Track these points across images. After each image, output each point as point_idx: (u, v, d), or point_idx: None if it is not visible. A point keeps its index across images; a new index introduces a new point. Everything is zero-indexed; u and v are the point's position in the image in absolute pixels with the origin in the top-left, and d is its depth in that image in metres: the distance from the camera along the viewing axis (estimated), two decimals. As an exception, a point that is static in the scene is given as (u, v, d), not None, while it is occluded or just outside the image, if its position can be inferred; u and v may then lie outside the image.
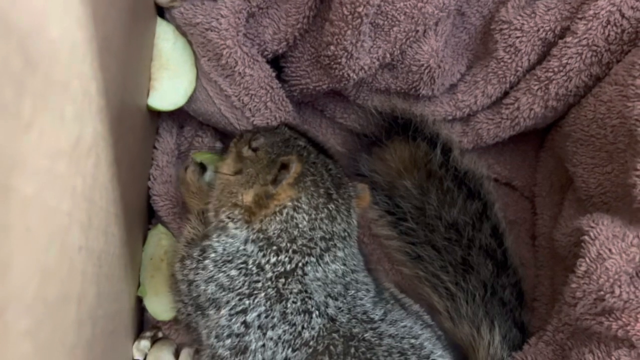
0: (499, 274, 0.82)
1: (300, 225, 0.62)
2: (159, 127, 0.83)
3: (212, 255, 0.62)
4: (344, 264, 0.65)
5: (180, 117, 0.84)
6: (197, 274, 0.62)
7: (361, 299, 0.65)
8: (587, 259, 0.63)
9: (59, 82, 0.38)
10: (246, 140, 0.70)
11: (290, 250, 0.61)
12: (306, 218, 0.62)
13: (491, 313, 0.80)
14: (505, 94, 0.81)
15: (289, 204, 0.62)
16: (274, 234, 0.61)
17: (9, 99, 0.30)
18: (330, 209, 0.64)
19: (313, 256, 0.62)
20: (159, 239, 0.79)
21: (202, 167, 0.77)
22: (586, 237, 0.65)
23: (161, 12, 0.77)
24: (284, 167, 0.62)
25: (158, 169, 0.79)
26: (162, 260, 0.77)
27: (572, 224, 0.76)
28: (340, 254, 0.64)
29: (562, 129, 0.81)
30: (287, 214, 0.62)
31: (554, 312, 0.75)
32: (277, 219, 0.62)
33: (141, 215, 0.77)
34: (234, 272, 0.61)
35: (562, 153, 0.82)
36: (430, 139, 0.82)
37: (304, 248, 0.62)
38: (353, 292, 0.65)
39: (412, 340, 0.65)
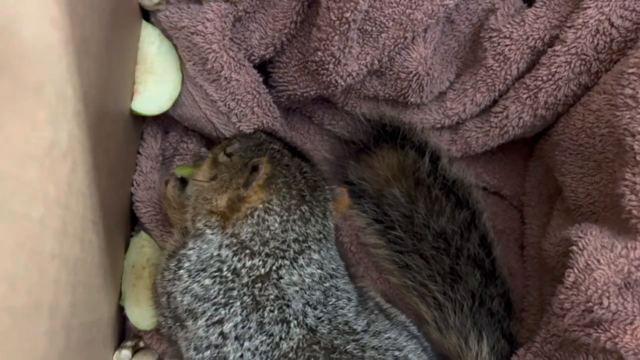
0: (487, 284, 0.81)
1: (272, 228, 0.61)
2: (144, 132, 0.81)
3: (186, 264, 0.61)
4: (321, 268, 0.64)
5: (165, 122, 0.83)
6: (174, 285, 0.61)
7: (342, 308, 0.64)
8: (576, 270, 0.63)
9: (30, 85, 0.37)
10: (222, 146, 0.70)
11: (264, 254, 0.60)
12: (278, 220, 0.61)
13: (479, 323, 0.79)
14: (494, 102, 0.81)
15: (260, 206, 0.61)
16: (246, 237, 0.61)
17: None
18: (304, 210, 0.63)
19: (287, 259, 0.61)
20: (141, 246, 0.77)
21: (183, 181, 0.76)
22: (574, 248, 0.64)
23: (146, 15, 0.76)
24: (255, 169, 0.61)
25: (142, 175, 0.78)
26: (144, 268, 0.76)
27: (560, 234, 0.75)
28: (315, 256, 0.63)
29: (551, 138, 0.80)
30: (259, 216, 0.61)
31: (542, 323, 0.74)
32: (249, 221, 0.61)
33: (123, 222, 0.76)
34: (207, 281, 0.60)
35: (551, 162, 0.81)
36: (419, 147, 0.82)
37: (277, 251, 0.61)
38: (334, 300, 0.64)
39: (397, 353, 0.63)
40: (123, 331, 0.77)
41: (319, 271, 0.63)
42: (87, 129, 0.52)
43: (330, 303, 0.63)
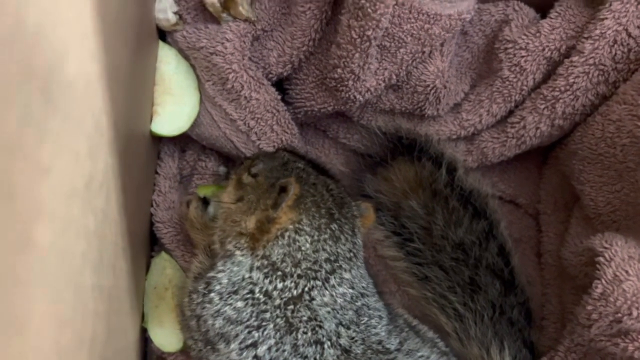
0: (507, 293, 0.81)
1: (303, 248, 0.61)
2: (161, 151, 0.81)
3: (217, 287, 0.61)
4: (352, 287, 0.63)
5: (181, 140, 0.82)
6: (204, 308, 0.60)
7: (375, 327, 0.64)
8: (603, 281, 0.63)
9: (75, 119, 0.37)
10: (245, 167, 0.69)
11: (295, 275, 0.60)
12: (309, 240, 0.61)
13: (500, 333, 0.79)
14: (510, 112, 0.81)
15: (291, 226, 0.61)
16: (277, 258, 0.60)
17: (31, 144, 0.29)
18: (333, 229, 0.63)
19: (319, 279, 0.61)
20: (163, 267, 0.77)
21: (205, 201, 0.76)
22: (601, 259, 0.64)
23: (163, 35, 0.75)
24: (283, 190, 0.61)
25: (161, 195, 0.78)
26: (166, 290, 0.75)
27: (581, 243, 0.75)
28: (346, 275, 0.63)
29: (568, 147, 0.80)
30: (289, 237, 0.61)
31: (565, 333, 0.74)
32: (280, 242, 0.61)
33: (144, 243, 0.75)
34: (240, 304, 0.59)
35: (568, 171, 0.82)
36: (435, 158, 0.81)
37: (309, 272, 0.60)
38: (366, 319, 0.63)
39: None
40: (145, 353, 0.77)
41: (351, 290, 0.63)
42: (118, 156, 0.52)
43: (362, 322, 0.62)
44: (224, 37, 0.69)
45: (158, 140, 0.80)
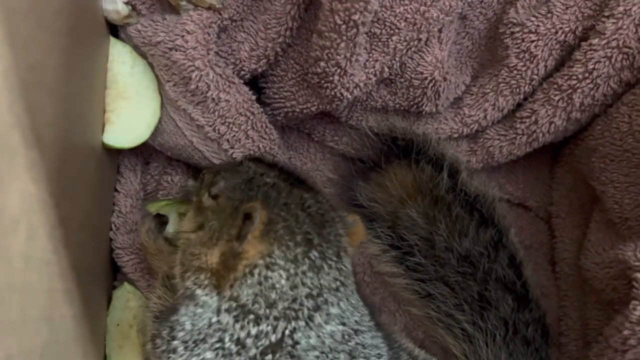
0: (520, 309, 0.75)
1: (277, 286, 0.52)
2: (120, 165, 0.72)
3: (181, 334, 0.52)
4: (343, 323, 0.55)
5: (145, 151, 0.73)
6: (169, 358, 0.52)
7: None
8: (643, 302, 0.55)
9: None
10: (206, 185, 0.60)
11: (272, 317, 0.51)
12: (284, 275, 0.52)
13: (515, 354, 0.74)
14: (519, 106, 0.74)
15: (260, 261, 0.52)
16: (248, 300, 0.51)
17: None
18: (313, 257, 0.54)
19: (301, 319, 0.52)
20: (126, 300, 0.67)
21: (162, 219, 0.67)
22: (638, 275, 0.56)
23: (115, 30, 0.66)
24: (248, 217, 0.52)
25: (121, 216, 0.68)
26: (131, 327, 0.66)
27: (607, 253, 0.69)
28: (334, 310, 0.54)
29: (585, 143, 0.73)
30: (260, 274, 0.52)
31: (592, 355, 0.67)
32: (249, 281, 0.52)
33: (103, 274, 0.66)
34: (209, 355, 0.50)
35: (585, 169, 0.75)
36: (435, 160, 0.76)
37: (288, 311, 0.51)
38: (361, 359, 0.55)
39: None
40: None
41: (341, 327, 0.54)
42: (47, 180, 0.41)
43: None
44: (184, 29, 0.60)
45: (116, 153, 0.70)
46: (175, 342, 0.51)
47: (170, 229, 0.65)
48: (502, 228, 0.76)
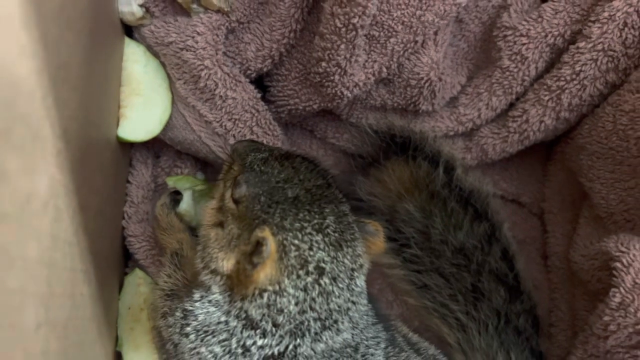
0: (512, 300, 0.77)
1: (285, 310, 0.52)
2: (132, 158, 0.75)
3: (194, 323, 0.54)
4: (353, 329, 0.56)
5: (155, 145, 0.76)
6: (181, 340, 0.54)
7: (373, 354, 0.57)
8: (622, 289, 0.58)
9: (-3, 130, 0.30)
10: (231, 182, 0.58)
11: (277, 335, 0.52)
12: (293, 302, 0.52)
13: (506, 343, 0.75)
14: (511, 105, 0.76)
15: (270, 287, 0.51)
16: (256, 316, 0.52)
17: None
18: (324, 284, 0.52)
19: (307, 337, 0.53)
20: (137, 285, 0.70)
21: (178, 195, 0.69)
22: (618, 264, 0.59)
23: (129, 31, 0.69)
24: (260, 244, 0.51)
25: (133, 206, 0.71)
26: (141, 310, 0.69)
27: (593, 246, 0.71)
28: (344, 326, 0.55)
29: (575, 141, 0.75)
30: (269, 298, 0.51)
31: (578, 342, 0.69)
32: (258, 302, 0.52)
33: (115, 260, 0.69)
34: (217, 349, 0.53)
35: (575, 167, 0.77)
36: (432, 157, 0.77)
37: (295, 330, 0.52)
38: (363, 349, 0.57)
39: None
40: (121, 379, 0.70)
41: (350, 334, 0.56)
42: (70, 168, 0.45)
43: (360, 352, 0.56)
44: (195, 31, 0.63)
45: (129, 146, 0.73)
46: (188, 329, 0.54)
47: (183, 205, 0.67)
48: (496, 222, 0.77)
